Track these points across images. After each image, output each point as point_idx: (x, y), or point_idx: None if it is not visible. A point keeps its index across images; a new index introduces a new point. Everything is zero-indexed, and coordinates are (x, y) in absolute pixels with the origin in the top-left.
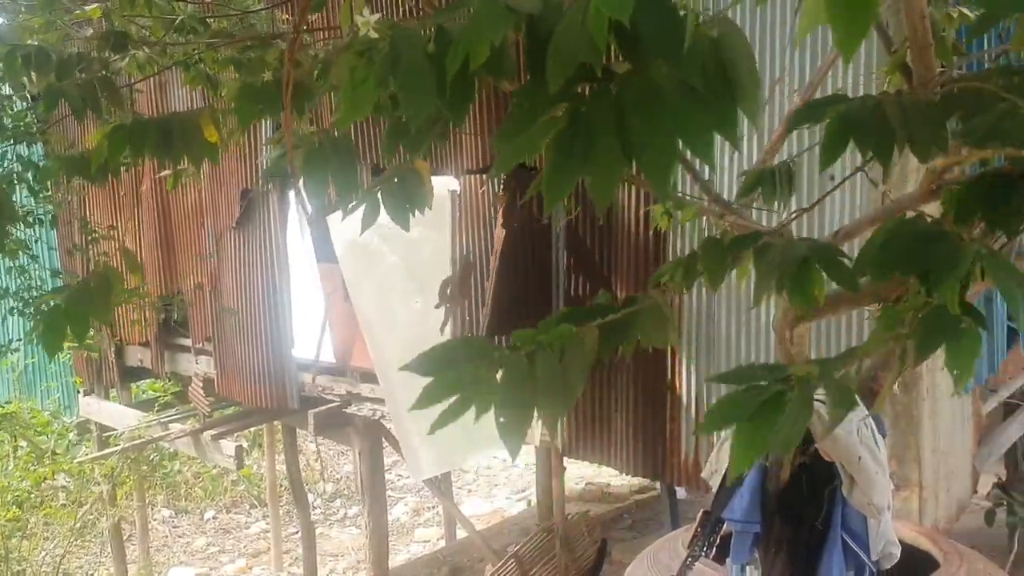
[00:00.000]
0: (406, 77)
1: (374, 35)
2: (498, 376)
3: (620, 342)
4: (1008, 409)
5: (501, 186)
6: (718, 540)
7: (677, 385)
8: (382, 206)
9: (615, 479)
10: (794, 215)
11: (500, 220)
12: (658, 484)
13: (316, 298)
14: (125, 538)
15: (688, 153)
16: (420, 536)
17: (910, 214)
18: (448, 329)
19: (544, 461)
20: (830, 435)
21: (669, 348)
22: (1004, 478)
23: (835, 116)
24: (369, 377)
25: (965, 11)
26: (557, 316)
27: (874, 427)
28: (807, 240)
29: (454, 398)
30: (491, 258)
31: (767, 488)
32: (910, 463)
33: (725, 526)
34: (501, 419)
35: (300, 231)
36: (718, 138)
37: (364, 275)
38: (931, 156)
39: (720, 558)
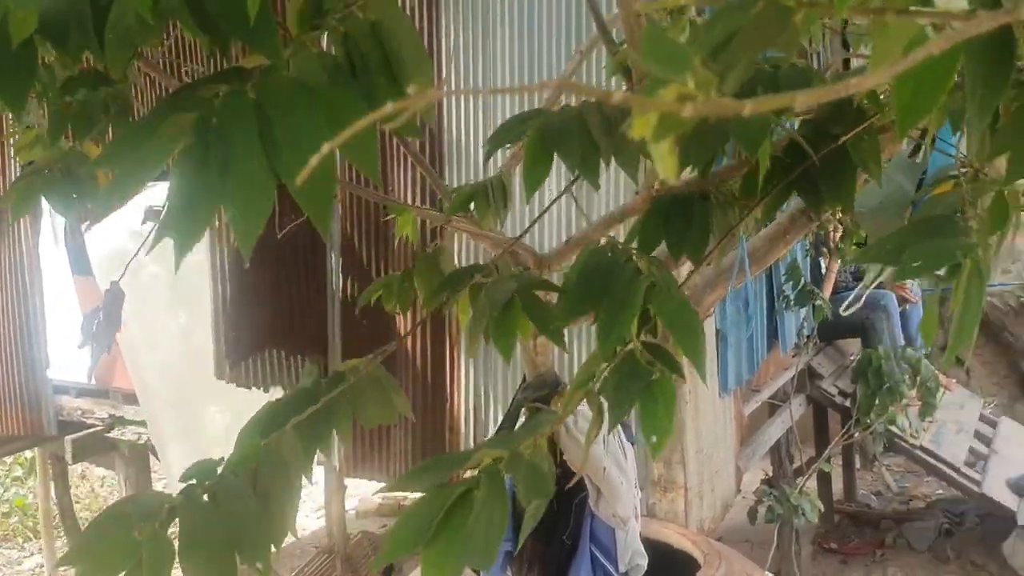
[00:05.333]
0: None
1: None
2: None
3: (329, 432)
4: (773, 408)
5: None
6: None
7: (456, 396)
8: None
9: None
10: (513, 240)
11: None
12: None
13: (73, 314)
14: None
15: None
16: None
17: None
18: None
19: (327, 480)
20: (576, 446)
21: (448, 358)
22: (771, 474)
23: (533, 133)
24: (132, 399)
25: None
26: (260, 416)
27: (623, 435)
28: (515, 277)
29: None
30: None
31: (517, 504)
32: (675, 465)
33: None
34: None
35: (54, 242)
36: None
37: (123, 288)
38: (637, 167)
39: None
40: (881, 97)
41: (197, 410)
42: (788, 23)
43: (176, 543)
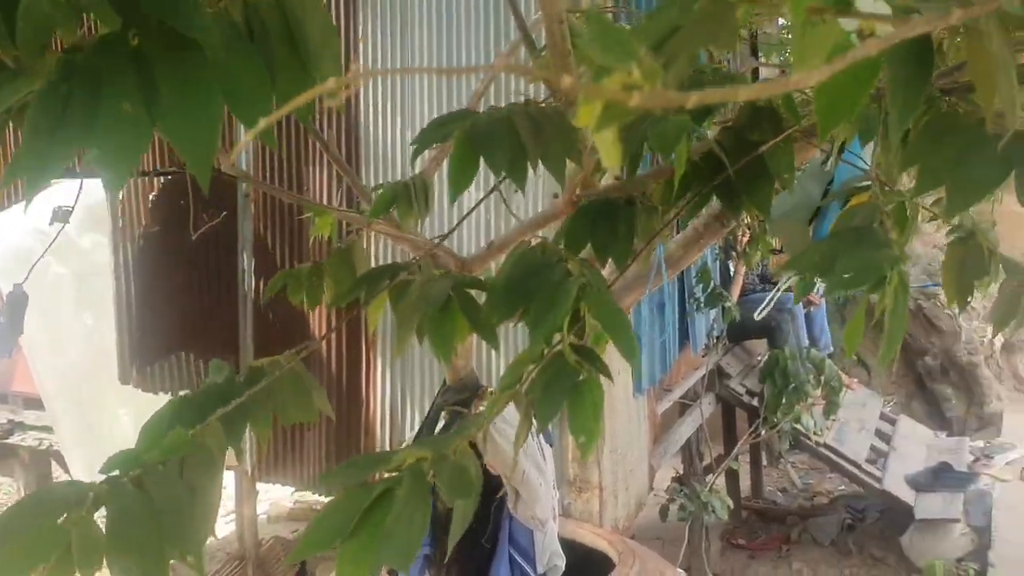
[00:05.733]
0: None
1: None
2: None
3: (244, 428)
4: (684, 407)
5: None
6: None
7: (372, 399)
8: None
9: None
10: (436, 242)
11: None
12: None
13: None
14: None
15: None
16: None
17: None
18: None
19: (238, 485)
20: (496, 449)
21: (364, 360)
22: (681, 472)
23: (461, 134)
24: (33, 403)
25: (624, 26)
26: (167, 411)
27: (541, 437)
28: (447, 275)
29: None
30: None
31: (437, 507)
32: (591, 465)
33: None
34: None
35: None
36: None
37: (26, 288)
38: (564, 170)
39: None
40: (798, 105)
41: (105, 413)
42: (730, 19)
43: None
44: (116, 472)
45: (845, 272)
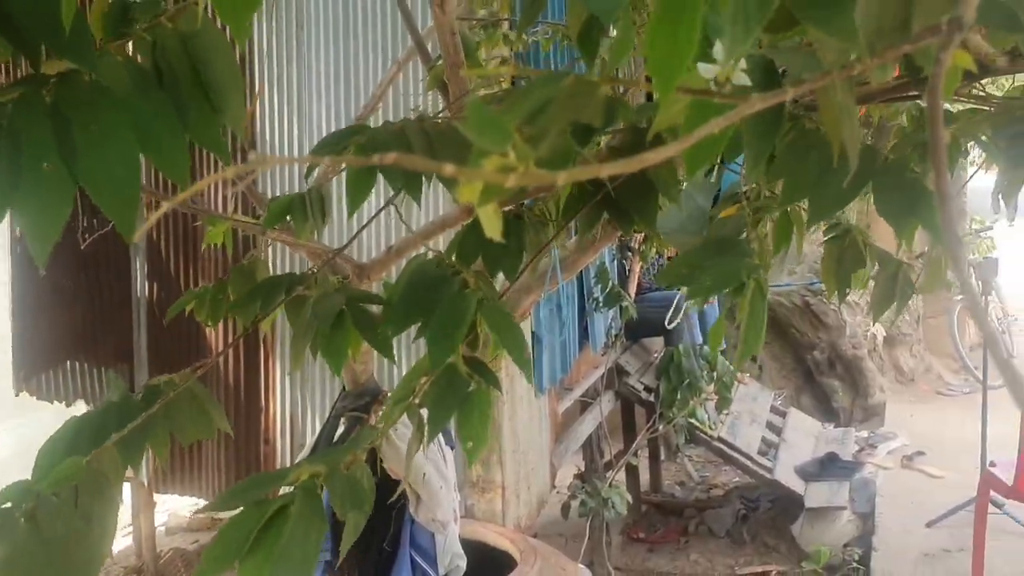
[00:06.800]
0: None
1: None
2: None
3: (143, 449)
4: (584, 405)
5: None
6: None
7: (271, 405)
8: None
9: None
10: (334, 252)
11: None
12: None
13: None
14: None
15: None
16: None
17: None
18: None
19: (134, 496)
20: (396, 453)
21: (263, 366)
22: (583, 469)
23: (357, 148)
24: None
25: (523, 35)
26: (65, 432)
27: (442, 439)
28: (341, 289)
29: None
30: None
31: (336, 513)
32: (494, 466)
33: None
34: None
35: None
36: None
37: None
38: (457, 183)
39: None
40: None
41: None
42: (595, 96)
43: None
44: (8, 504)
45: (705, 280)
